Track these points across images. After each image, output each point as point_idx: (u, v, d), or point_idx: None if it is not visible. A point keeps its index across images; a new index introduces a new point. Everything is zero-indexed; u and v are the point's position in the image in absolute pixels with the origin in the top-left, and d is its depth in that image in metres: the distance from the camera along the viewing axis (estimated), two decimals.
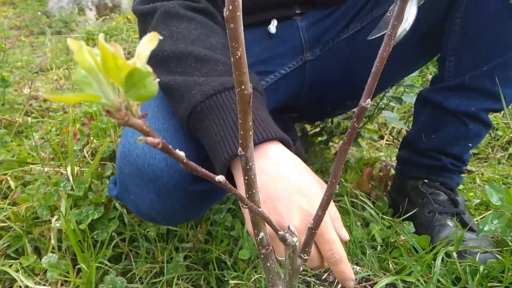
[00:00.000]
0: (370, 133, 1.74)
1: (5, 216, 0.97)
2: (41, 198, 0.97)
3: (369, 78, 0.32)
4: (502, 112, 1.85)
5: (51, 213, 0.96)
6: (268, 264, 0.42)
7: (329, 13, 0.98)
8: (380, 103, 1.34)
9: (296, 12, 0.97)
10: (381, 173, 1.17)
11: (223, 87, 0.63)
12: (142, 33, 0.79)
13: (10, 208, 1.01)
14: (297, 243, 0.39)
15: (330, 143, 1.44)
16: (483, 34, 0.83)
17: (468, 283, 0.77)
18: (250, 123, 0.34)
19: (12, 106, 1.66)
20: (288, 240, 0.38)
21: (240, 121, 0.33)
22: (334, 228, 0.55)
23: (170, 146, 0.25)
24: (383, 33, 0.77)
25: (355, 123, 0.35)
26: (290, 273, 0.42)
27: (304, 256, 0.41)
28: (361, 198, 1.04)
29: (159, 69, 0.69)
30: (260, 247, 0.41)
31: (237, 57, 0.29)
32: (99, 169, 1.13)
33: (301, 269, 0.41)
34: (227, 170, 0.61)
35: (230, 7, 0.25)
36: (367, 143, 1.71)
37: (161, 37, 0.23)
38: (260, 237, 0.40)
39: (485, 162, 1.63)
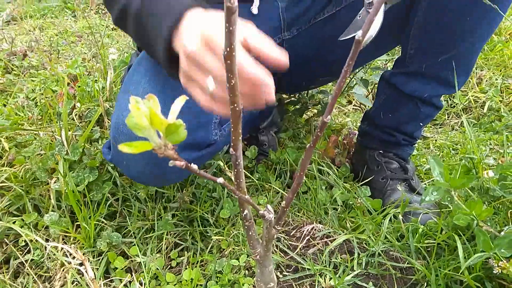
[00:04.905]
0: (339, 99, 1.87)
1: (4, 177, 1.06)
2: (38, 161, 1.06)
3: (330, 99, 0.43)
4: None
5: (49, 175, 1.06)
6: (250, 233, 0.55)
7: None
8: (350, 82, 1.45)
9: None
10: (345, 141, 1.31)
11: None
12: None
13: (7, 169, 1.09)
14: (273, 219, 0.52)
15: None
16: (441, 26, 0.94)
17: (409, 240, 0.94)
18: (240, 130, 0.45)
19: None
20: (266, 217, 0.51)
21: (232, 125, 0.43)
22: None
23: (190, 165, 0.36)
24: (352, 35, 0.86)
25: (318, 133, 0.47)
26: (266, 239, 0.55)
27: (278, 227, 0.54)
28: (327, 164, 1.18)
29: None
30: (245, 221, 0.53)
31: (232, 84, 0.39)
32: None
33: (275, 237, 0.54)
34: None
35: (228, 49, 0.35)
36: (336, 107, 1.84)
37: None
38: (245, 213, 0.52)
39: (440, 128, 1.80)
